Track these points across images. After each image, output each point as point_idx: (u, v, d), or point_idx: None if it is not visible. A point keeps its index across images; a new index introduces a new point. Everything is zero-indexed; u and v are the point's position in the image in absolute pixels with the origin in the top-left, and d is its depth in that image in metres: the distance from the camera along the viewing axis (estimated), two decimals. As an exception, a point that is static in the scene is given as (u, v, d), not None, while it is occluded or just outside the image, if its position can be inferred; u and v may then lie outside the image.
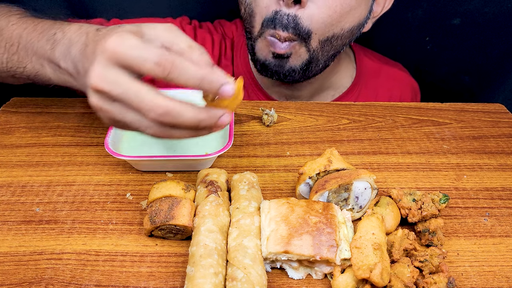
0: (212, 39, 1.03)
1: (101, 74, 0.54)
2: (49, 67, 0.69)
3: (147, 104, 0.54)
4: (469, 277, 0.60)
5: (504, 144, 0.85)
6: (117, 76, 0.54)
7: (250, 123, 0.89)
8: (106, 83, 0.55)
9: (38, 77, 0.72)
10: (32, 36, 0.72)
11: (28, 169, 0.76)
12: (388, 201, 0.66)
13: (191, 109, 0.56)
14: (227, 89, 0.56)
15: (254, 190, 0.66)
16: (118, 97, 0.55)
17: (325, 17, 0.84)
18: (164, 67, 0.54)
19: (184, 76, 0.55)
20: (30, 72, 0.73)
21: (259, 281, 0.54)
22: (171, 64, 0.54)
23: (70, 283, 0.58)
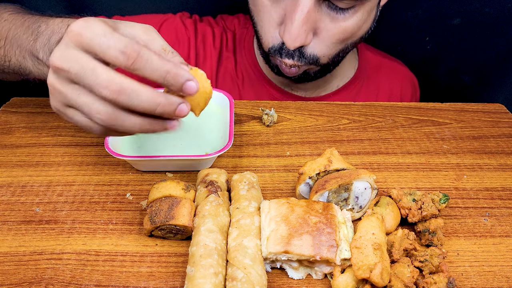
0: (213, 31, 1.03)
1: (62, 53, 0.53)
2: (29, 59, 0.69)
3: (102, 80, 0.52)
4: (469, 277, 0.60)
5: (504, 144, 0.85)
6: (77, 56, 0.53)
7: (250, 123, 0.89)
8: (65, 61, 0.53)
9: (21, 70, 0.73)
10: (19, 30, 0.72)
11: (28, 169, 0.76)
12: (388, 201, 0.66)
13: (149, 90, 0.53)
14: (190, 85, 0.55)
15: (254, 190, 0.66)
16: (76, 76, 0.53)
17: (329, 44, 0.85)
18: (129, 56, 0.52)
19: (149, 68, 0.53)
20: (14, 66, 0.74)
21: (259, 281, 0.54)
22: (136, 54, 0.52)
23: (70, 283, 0.58)
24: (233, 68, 1.03)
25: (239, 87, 1.03)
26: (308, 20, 0.79)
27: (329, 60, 0.89)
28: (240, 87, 1.03)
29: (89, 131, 0.58)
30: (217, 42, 1.03)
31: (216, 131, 0.80)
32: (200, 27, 1.03)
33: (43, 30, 0.67)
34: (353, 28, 0.84)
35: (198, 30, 1.03)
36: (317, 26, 0.82)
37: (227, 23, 1.07)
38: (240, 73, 1.03)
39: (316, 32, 0.83)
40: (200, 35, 1.02)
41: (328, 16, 0.81)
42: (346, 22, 0.82)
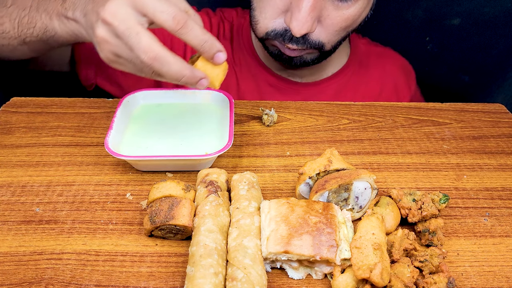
0: (210, 21, 1.06)
1: (114, 10, 0.62)
2: (56, 19, 0.76)
3: (143, 45, 0.61)
4: (469, 277, 0.60)
5: (504, 144, 0.85)
6: (128, 15, 0.62)
7: (250, 123, 0.89)
8: (116, 18, 0.62)
9: (46, 33, 0.79)
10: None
11: (28, 169, 0.76)
12: (388, 201, 0.66)
13: (179, 63, 0.64)
14: (221, 56, 0.67)
15: (254, 190, 0.66)
16: (122, 34, 0.62)
17: (333, 32, 0.87)
18: (178, 22, 0.62)
19: (191, 35, 0.63)
20: (39, 30, 0.79)
21: (259, 281, 0.54)
22: (184, 21, 0.62)
23: (70, 283, 0.58)
24: (230, 56, 1.05)
25: (236, 74, 1.05)
26: (314, 9, 0.82)
27: (332, 47, 0.92)
28: (238, 73, 1.05)
29: (140, 75, 0.68)
30: (214, 31, 1.05)
31: (216, 131, 0.80)
32: None
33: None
34: (355, 16, 0.87)
35: None
36: (321, 14, 0.85)
37: (225, 14, 1.09)
38: (237, 61, 1.05)
39: (320, 20, 0.85)
40: None
41: (332, 4, 0.84)
42: (349, 10, 0.86)
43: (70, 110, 0.90)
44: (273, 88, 1.04)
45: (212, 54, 0.66)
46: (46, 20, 0.77)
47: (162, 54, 0.62)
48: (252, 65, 1.04)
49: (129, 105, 0.84)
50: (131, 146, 0.77)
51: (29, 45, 0.84)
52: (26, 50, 0.86)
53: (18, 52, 0.87)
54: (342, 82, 1.07)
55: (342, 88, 1.07)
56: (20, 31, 0.82)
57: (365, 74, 1.10)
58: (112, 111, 0.89)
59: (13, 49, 0.87)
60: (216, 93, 0.86)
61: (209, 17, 1.06)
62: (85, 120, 0.87)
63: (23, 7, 0.81)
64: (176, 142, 0.78)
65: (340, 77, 1.07)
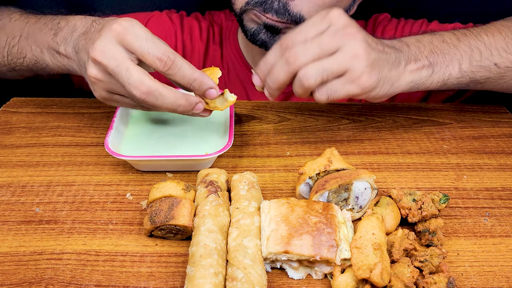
0: (200, 25, 1.06)
1: (103, 48, 0.63)
2: (47, 53, 0.75)
3: (134, 81, 0.62)
4: (469, 277, 0.60)
5: (504, 144, 0.85)
6: (117, 52, 0.63)
7: (250, 123, 0.89)
8: (105, 56, 0.62)
9: (37, 65, 0.78)
10: (35, 27, 0.77)
11: (28, 169, 0.76)
12: (388, 201, 0.66)
13: (172, 94, 0.64)
14: (211, 92, 0.68)
15: (254, 190, 0.66)
16: (112, 71, 0.63)
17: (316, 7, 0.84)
18: (165, 63, 0.63)
19: (179, 75, 0.64)
20: (29, 61, 0.79)
21: (259, 281, 0.54)
22: (172, 62, 0.63)
23: (70, 283, 0.58)
24: (219, 60, 1.05)
25: (224, 77, 1.05)
26: None
27: None
28: (226, 77, 1.05)
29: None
30: (204, 36, 1.05)
31: (216, 131, 0.80)
32: (186, 22, 1.06)
33: (63, 26, 0.74)
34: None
35: (185, 24, 1.05)
36: None
37: (214, 18, 1.09)
38: (225, 64, 1.05)
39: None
40: (186, 28, 1.05)
41: None
42: None
43: (70, 110, 0.90)
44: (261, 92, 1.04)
45: (203, 92, 0.67)
46: (37, 52, 0.77)
47: (154, 87, 0.63)
48: (239, 69, 1.04)
49: (129, 105, 0.84)
50: (131, 146, 0.77)
51: (18, 72, 0.84)
52: (16, 75, 0.86)
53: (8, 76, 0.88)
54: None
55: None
56: (9, 60, 0.81)
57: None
58: (112, 111, 0.89)
59: (2, 74, 0.88)
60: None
61: (199, 22, 1.06)
62: (85, 120, 0.87)
63: (12, 35, 0.80)
64: (176, 142, 0.78)
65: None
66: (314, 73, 0.66)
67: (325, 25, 0.66)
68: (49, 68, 0.77)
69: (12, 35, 0.80)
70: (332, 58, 0.66)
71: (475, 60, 0.76)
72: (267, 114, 0.91)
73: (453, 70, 0.75)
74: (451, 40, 0.77)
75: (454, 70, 0.75)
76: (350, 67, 0.66)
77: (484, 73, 0.77)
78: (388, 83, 0.71)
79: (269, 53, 0.69)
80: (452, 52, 0.76)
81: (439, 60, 0.75)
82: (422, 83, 0.74)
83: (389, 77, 0.71)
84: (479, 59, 0.76)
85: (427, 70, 0.74)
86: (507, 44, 0.78)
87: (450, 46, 0.76)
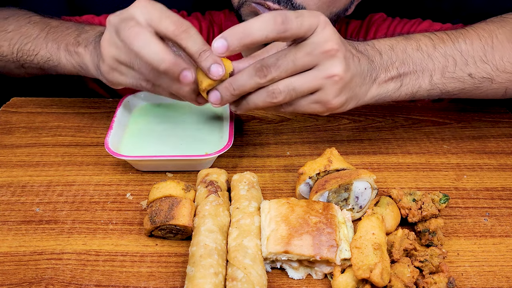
0: (200, 25, 1.05)
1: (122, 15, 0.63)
2: (64, 50, 0.76)
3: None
4: (469, 277, 0.60)
5: (504, 144, 0.85)
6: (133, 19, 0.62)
7: (250, 123, 0.89)
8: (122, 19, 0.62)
9: (49, 62, 0.79)
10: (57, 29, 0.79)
11: (28, 169, 0.76)
12: (388, 201, 0.66)
13: (161, 47, 0.61)
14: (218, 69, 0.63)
15: (254, 190, 0.66)
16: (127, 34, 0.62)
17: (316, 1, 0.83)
18: (180, 26, 0.62)
19: (191, 41, 0.62)
20: (41, 59, 0.80)
21: (259, 281, 0.54)
22: (186, 27, 0.62)
23: (70, 283, 0.58)
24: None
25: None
26: None
27: None
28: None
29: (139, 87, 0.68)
30: (204, 36, 1.04)
31: (216, 131, 0.80)
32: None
33: (88, 30, 0.76)
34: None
35: None
36: None
37: (214, 18, 1.09)
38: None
39: None
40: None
41: None
42: None
43: (70, 110, 0.90)
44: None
45: (209, 65, 0.63)
46: (53, 49, 0.78)
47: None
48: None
49: (129, 105, 0.84)
50: (131, 146, 0.77)
51: (26, 69, 0.84)
52: (22, 72, 0.86)
53: (14, 73, 0.88)
54: None
55: None
56: (19, 57, 0.82)
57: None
58: (112, 111, 0.89)
59: (9, 71, 0.88)
60: (216, 93, 0.86)
61: (199, 22, 1.06)
62: (85, 120, 0.87)
63: (28, 34, 0.81)
64: (176, 142, 0.78)
65: None
66: (284, 91, 0.63)
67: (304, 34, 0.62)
68: (61, 66, 0.78)
69: (28, 34, 0.81)
70: (304, 77, 0.63)
71: (448, 71, 0.73)
72: (267, 114, 0.91)
73: (423, 82, 0.72)
74: (426, 47, 0.73)
75: (424, 82, 0.72)
76: (322, 87, 0.64)
77: (457, 84, 0.74)
78: (354, 100, 0.69)
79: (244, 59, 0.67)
80: (424, 63, 0.72)
81: (410, 71, 0.71)
82: (388, 95, 0.72)
83: (356, 94, 0.68)
84: (452, 70, 0.73)
85: (395, 82, 0.71)
86: (485, 53, 0.74)
87: (424, 55, 0.73)
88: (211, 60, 0.62)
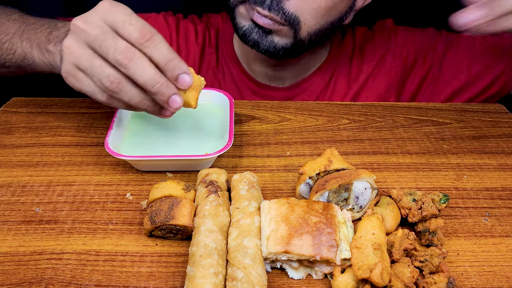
0: (196, 28, 1.05)
1: (86, 19, 0.61)
2: (37, 49, 0.74)
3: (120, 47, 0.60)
4: (469, 277, 0.60)
5: (504, 144, 0.85)
6: (100, 24, 0.61)
7: (250, 123, 0.89)
8: (88, 25, 0.61)
9: (25, 61, 0.78)
10: (32, 27, 0.77)
11: (28, 169, 0.76)
12: (388, 201, 0.66)
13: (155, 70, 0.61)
14: (185, 79, 0.63)
15: (254, 190, 0.66)
16: (94, 39, 0.60)
17: (310, 10, 0.83)
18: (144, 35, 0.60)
19: (156, 50, 0.60)
20: (17, 58, 0.78)
21: (259, 281, 0.54)
22: (151, 35, 0.60)
23: (70, 283, 0.58)
24: (215, 63, 1.04)
25: (219, 81, 1.04)
26: None
27: (308, 34, 0.87)
28: (221, 81, 1.04)
29: (94, 97, 0.65)
30: (200, 39, 1.05)
31: (216, 131, 0.80)
32: (182, 24, 1.05)
33: (60, 27, 0.73)
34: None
35: (180, 26, 1.05)
36: None
37: (211, 20, 1.08)
38: (221, 68, 1.04)
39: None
40: (182, 31, 1.04)
41: None
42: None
43: (70, 110, 0.90)
44: (255, 96, 1.03)
45: (176, 75, 0.62)
46: (27, 48, 0.76)
47: (138, 56, 0.60)
48: (235, 73, 1.04)
49: (129, 105, 0.84)
50: (131, 146, 0.77)
51: (8, 69, 0.84)
52: (5, 72, 0.86)
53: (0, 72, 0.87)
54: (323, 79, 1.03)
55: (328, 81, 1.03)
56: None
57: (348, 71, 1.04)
58: (112, 111, 0.88)
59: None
60: (216, 93, 0.86)
61: (195, 24, 1.06)
62: (85, 120, 0.87)
63: (7, 32, 0.80)
64: (176, 142, 0.78)
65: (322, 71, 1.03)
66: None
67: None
68: (35, 65, 0.77)
69: (6, 32, 0.80)
70: None
71: None
72: (267, 114, 0.91)
73: None
74: None
75: None
76: None
77: None
78: None
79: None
80: None
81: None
82: None
83: None
84: None
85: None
86: None
87: None
88: (178, 70, 0.62)
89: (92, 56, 0.61)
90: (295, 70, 1.01)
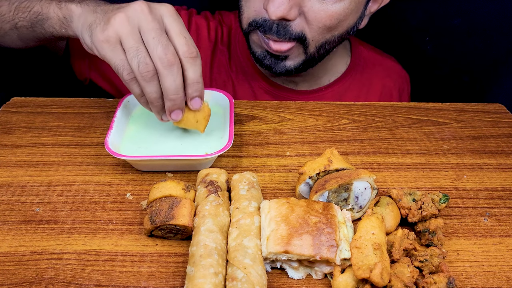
0: (208, 25, 1.05)
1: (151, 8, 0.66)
2: (56, 5, 0.77)
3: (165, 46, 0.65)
4: (469, 277, 0.60)
5: (504, 144, 0.85)
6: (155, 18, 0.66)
7: (250, 123, 0.89)
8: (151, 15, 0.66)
9: (38, 17, 0.79)
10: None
11: (28, 169, 0.76)
12: (388, 201, 0.66)
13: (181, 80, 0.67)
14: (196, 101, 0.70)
15: (254, 190, 0.66)
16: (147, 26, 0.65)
17: (316, 28, 0.85)
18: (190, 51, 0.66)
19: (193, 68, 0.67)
20: (32, 15, 0.80)
21: (259, 281, 0.54)
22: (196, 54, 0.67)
23: (70, 283, 0.58)
24: (227, 61, 1.04)
25: (233, 80, 1.04)
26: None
27: (316, 48, 0.89)
28: (234, 79, 1.04)
29: (118, 71, 0.67)
30: (212, 35, 1.04)
31: (216, 131, 0.80)
32: (194, 20, 1.05)
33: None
34: (340, 15, 0.84)
35: (192, 22, 1.05)
36: (304, 5, 0.82)
37: (224, 18, 1.08)
38: (234, 66, 1.04)
39: (303, 11, 0.83)
40: (193, 26, 1.04)
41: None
42: (334, 6, 0.82)
43: (70, 110, 0.90)
44: (269, 95, 1.03)
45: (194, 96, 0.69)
46: (45, 4, 0.79)
47: (178, 63, 0.65)
48: (248, 71, 1.04)
49: (129, 105, 0.84)
50: (131, 146, 0.77)
51: (19, 31, 0.84)
52: (15, 37, 0.86)
53: (7, 38, 0.88)
54: (340, 90, 1.05)
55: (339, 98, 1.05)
56: (15, 15, 0.82)
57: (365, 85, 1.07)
58: (112, 111, 0.89)
59: (3, 34, 0.87)
60: (216, 93, 0.86)
61: (208, 21, 1.06)
62: (85, 120, 0.87)
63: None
64: (176, 142, 0.78)
65: (336, 86, 1.05)
66: None
67: None
68: (48, 21, 0.78)
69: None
70: None
71: None
72: (267, 114, 0.91)
73: None
74: None
75: None
76: None
77: None
78: None
79: None
80: None
81: None
82: None
83: None
84: None
85: None
86: None
87: None
88: (198, 92, 0.69)
89: (138, 40, 0.65)
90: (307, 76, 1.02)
